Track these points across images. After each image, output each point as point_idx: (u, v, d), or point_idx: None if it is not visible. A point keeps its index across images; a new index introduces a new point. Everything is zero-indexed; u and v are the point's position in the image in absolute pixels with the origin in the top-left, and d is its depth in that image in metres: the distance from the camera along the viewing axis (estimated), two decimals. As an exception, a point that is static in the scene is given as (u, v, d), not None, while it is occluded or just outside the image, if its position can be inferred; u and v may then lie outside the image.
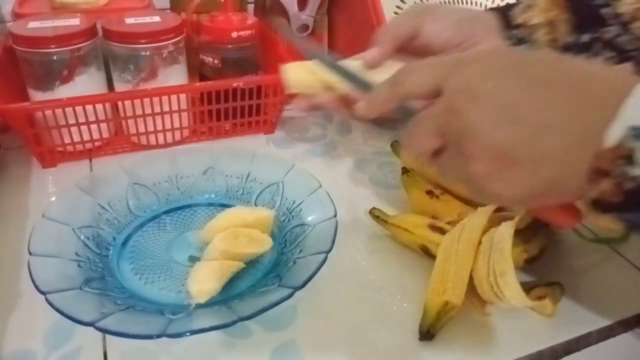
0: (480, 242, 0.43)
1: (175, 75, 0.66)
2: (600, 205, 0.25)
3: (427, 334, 0.42)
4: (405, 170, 0.58)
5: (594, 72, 0.27)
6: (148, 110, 0.63)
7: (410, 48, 0.42)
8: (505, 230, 0.42)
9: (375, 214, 0.53)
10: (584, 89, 0.26)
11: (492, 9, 0.44)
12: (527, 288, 0.43)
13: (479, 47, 0.40)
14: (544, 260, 0.48)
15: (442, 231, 0.48)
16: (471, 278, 0.44)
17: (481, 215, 0.45)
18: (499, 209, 0.46)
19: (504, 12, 0.43)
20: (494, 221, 0.45)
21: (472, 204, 0.51)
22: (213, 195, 0.57)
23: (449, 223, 0.49)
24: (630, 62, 0.43)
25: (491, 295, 0.43)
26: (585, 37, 0.42)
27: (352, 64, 0.42)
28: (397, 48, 0.40)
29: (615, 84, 0.25)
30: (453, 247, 0.44)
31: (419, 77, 0.30)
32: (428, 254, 0.49)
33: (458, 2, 0.71)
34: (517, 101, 0.26)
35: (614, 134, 0.24)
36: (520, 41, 0.42)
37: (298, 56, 0.74)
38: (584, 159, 0.25)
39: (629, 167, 0.23)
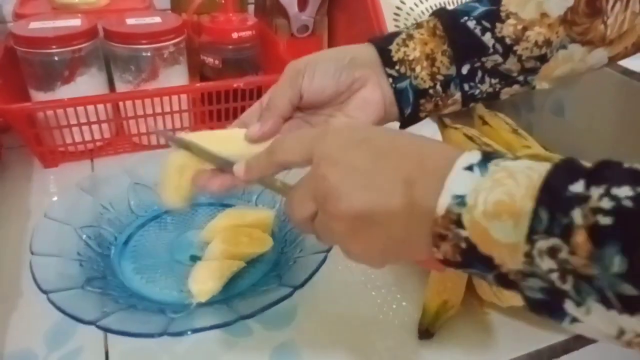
0: None
1: (176, 76, 0.66)
2: (448, 264, 0.29)
3: (426, 333, 0.42)
4: None
5: (429, 146, 0.31)
6: (149, 111, 0.63)
7: (301, 107, 0.43)
8: None
9: None
10: (422, 161, 0.30)
11: (373, 42, 0.43)
12: None
13: (341, 125, 0.39)
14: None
15: None
16: (470, 278, 0.44)
17: None
18: None
19: (383, 47, 0.42)
20: None
21: None
22: (214, 195, 0.58)
23: None
24: (517, 85, 0.43)
25: (490, 295, 0.43)
26: (465, 69, 0.42)
27: (234, 132, 0.41)
28: (282, 121, 0.41)
29: (445, 158, 0.28)
30: None
31: (291, 146, 0.34)
32: None
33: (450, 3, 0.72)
34: (368, 169, 0.30)
35: (443, 203, 0.27)
36: (402, 77, 0.42)
37: (297, 55, 0.74)
38: (424, 223, 0.28)
39: (459, 229, 0.27)
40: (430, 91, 0.42)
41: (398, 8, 0.67)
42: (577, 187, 0.24)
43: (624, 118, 0.61)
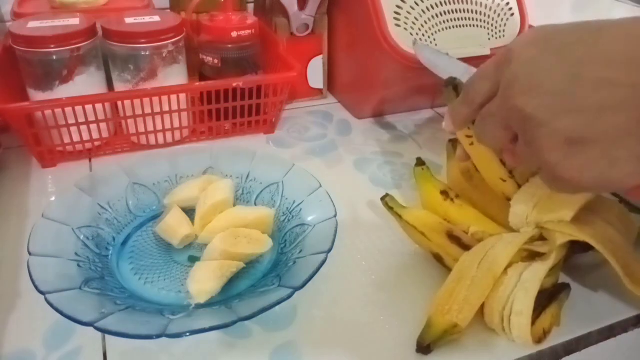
0: (505, 273, 0.41)
1: (175, 75, 0.66)
2: None
3: (425, 349, 0.40)
4: (420, 162, 0.55)
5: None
6: (148, 110, 0.63)
7: None
8: (537, 272, 0.40)
9: (390, 205, 0.49)
10: (631, 62, 0.25)
11: None
12: (535, 314, 0.40)
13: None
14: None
15: (460, 242, 0.46)
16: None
17: (509, 247, 0.42)
18: (529, 241, 0.43)
19: None
20: (521, 254, 0.43)
21: (488, 215, 0.49)
22: (213, 195, 0.57)
23: (465, 232, 0.47)
24: None
25: (498, 327, 0.41)
26: None
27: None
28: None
29: None
30: (470, 272, 0.41)
31: (479, 86, 0.32)
32: (439, 261, 0.47)
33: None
34: (569, 87, 0.26)
35: None
36: None
37: (297, 54, 0.74)
38: None
39: None
40: None
41: (398, 7, 0.66)
42: None
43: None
